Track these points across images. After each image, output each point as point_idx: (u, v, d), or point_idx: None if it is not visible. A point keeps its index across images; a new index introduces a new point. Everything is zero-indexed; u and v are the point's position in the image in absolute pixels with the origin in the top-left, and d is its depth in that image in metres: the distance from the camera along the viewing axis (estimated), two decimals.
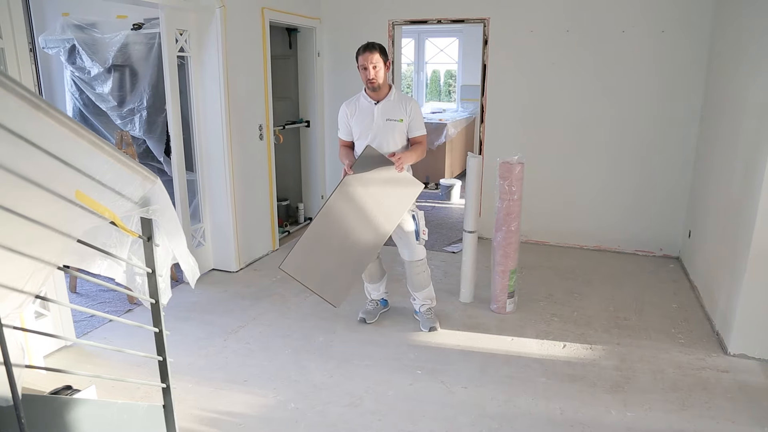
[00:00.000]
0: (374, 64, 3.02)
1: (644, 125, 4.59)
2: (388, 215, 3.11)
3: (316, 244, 3.12)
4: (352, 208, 3.10)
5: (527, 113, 4.88)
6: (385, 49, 3.10)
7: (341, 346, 3.21)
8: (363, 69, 3.04)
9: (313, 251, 3.12)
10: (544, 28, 4.68)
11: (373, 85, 3.07)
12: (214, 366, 3.00)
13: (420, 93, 9.36)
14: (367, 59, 3.01)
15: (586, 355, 3.11)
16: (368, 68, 3.02)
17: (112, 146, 1.61)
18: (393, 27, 5.09)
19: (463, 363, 3.03)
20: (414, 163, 3.19)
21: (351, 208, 3.10)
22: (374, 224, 3.10)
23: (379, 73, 3.05)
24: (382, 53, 3.05)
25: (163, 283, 2.25)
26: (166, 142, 4.10)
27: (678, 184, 4.58)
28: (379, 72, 3.04)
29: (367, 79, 3.06)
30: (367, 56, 3.01)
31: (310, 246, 3.12)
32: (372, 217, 3.10)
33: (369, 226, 3.10)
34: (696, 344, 3.24)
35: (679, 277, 4.28)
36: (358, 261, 3.15)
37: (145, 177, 1.93)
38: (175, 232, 2.12)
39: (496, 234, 3.54)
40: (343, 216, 3.10)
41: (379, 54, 3.03)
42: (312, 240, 3.12)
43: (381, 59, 3.04)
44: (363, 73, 3.06)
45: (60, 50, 4.42)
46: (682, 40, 4.34)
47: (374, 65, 3.02)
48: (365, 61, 3.01)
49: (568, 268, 4.46)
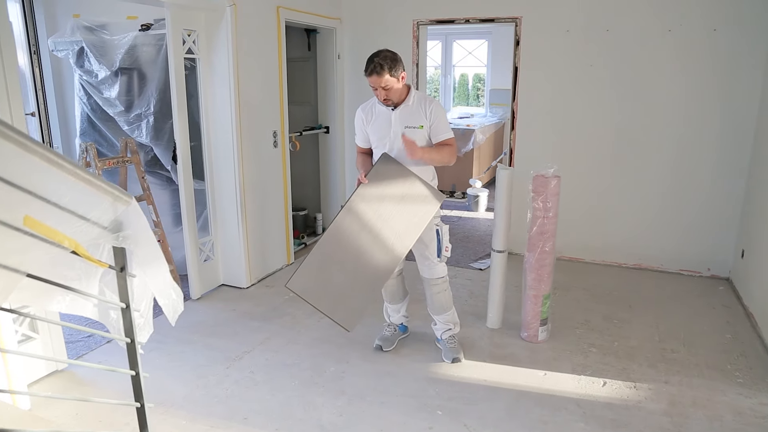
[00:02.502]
0: (383, 85, 2.69)
1: (691, 132, 4.17)
2: (404, 232, 2.79)
3: (327, 261, 2.81)
4: (365, 222, 2.79)
5: (561, 119, 4.51)
6: (395, 61, 2.70)
7: (354, 378, 2.90)
8: (374, 89, 2.73)
9: (323, 269, 2.81)
10: (581, 28, 4.31)
11: (388, 105, 2.77)
12: (213, 399, 2.73)
13: (447, 97, 9.02)
14: (373, 82, 2.69)
15: (629, 396, 2.74)
16: (378, 89, 2.71)
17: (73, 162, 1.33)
18: (418, 27, 4.77)
19: (489, 402, 2.69)
20: (437, 163, 2.85)
21: (364, 223, 2.79)
22: (389, 242, 2.79)
23: (391, 92, 2.72)
24: (391, 70, 2.66)
25: (141, 318, 1.97)
26: (174, 149, 3.86)
27: (729, 197, 4.15)
28: (392, 91, 2.71)
29: (381, 99, 2.76)
30: (373, 79, 2.67)
31: (320, 263, 2.81)
32: (386, 234, 2.78)
33: (383, 243, 2.79)
34: (758, 385, 2.83)
35: (732, 302, 3.86)
36: (373, 281, 2.84)
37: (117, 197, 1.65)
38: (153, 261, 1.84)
39: (529, 255, 3.19)
40: (355, 231, 2.79)
41: (387, 74, 2.65)
42: (322, 256, 2.81)
43: (391, 78, 2.67)
44: (374, 92, 2.76)
45: (69, 53, 4.23)
46: (736, 38, 3.92)
47: (384, 86, 2.69)
48: (372, 83, 2.70)
49: (606, 290, 4.07)
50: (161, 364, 3.06)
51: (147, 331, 2.06)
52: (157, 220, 3.81)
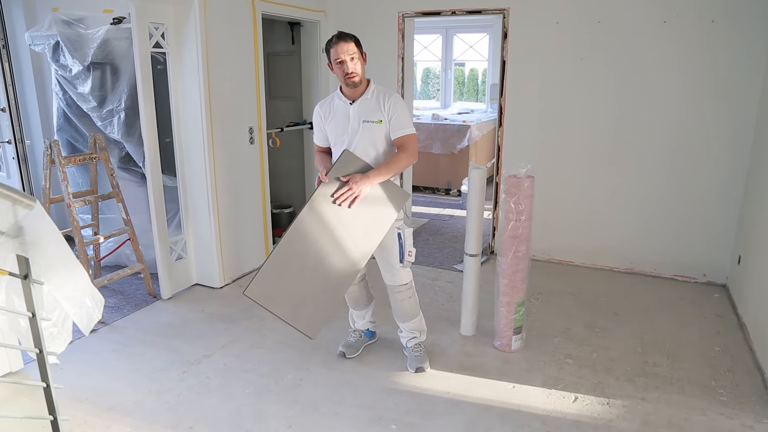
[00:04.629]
0: (351, 55, 2.56)
1: (687, 131, 3.95)
2: (369, 232, 2.65)
3: (286, 266, 2.67)
4: (325, 225, 2.64)
5: (552, 116, 4.31)
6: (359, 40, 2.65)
7: (311, 387, 2.78)
8: (338, 63, 2.57)
9: (282, 274, 2.67)
10: (572, 19, 4.10)
11: (353, 80, 2.59)
12: (163, 406, 2.62)
13: (447, 92, 8.81)
14: (341, 50, 2.55)
15: (600, 413, 2.57)
16: (345, 61, 2.56)
17: None
18: (403, 19, 4.61)
19: (448, 416, 2.54)
20: (400, 171, 2.69)
21: (324, 226, 2.64)
22: (350, 246, 2.65)
23: (357, 66, 2.59)
24: (358, 44, 2.60)
25: (55, 328, 1.85)
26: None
27: (727, 200, 3.92)
28: (357, 65, 2.59)
29: (345, 74, 2.59)
30: (341, 47, 2.55)
31: (279, 268, 2.66)
32: (347, 238, 2.64)
33: (344, 248, 2.65)
34: (742, 404, 2.64)
35: (725, 311, 3.64)
36: (334, 288, 2.69)
37: (17, 201, 1.53)
38: (62, 267, 1.72)
39: (501, 260, 3.03)
40: (315, 234, 2.65)
41: (354, 44, 2.58)
42: (281, 261, 2.67)
43: (357, 50, 2.59)
44: (339, 68, 2.59)
45: (45, 47, 4.16)
46: (735, 31, 3.69)
47: (351, 56, 2.56)
48: (340, 52, 2.55)
49: (593, 296, 3.88)
50: (118, 366, 2.97)
51: (64, 341, 1.94)
52: (127, 218, 3.72)
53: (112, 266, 4.26)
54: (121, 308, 3.63)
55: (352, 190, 2.55)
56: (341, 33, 2.60)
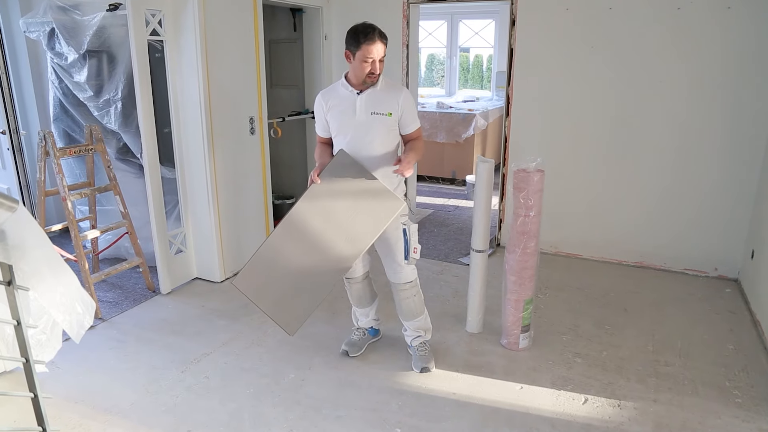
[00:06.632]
0: (381, 57, 2.46)
1: (700, 121, 3.82)
2: (358, 236, 2.56)
3: (275, 259, 2.62)
4: (314, 224, 2.58)
5: (561, 106, 4.19)
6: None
7: (313, 387, 2.70)
8: (363, 62, 2.44)
9: (270, 267, 2.63)
10: (582, 5, 3.96)
11: (373, 80, 2.50)
12: (161, 408, 2.55)
13: (452, 80, 8.65)
14: (375, 51, 2.41)
15: (612, 416, 2.49)
16: (374, 61, 2.44)
17: None
18: (408, 6, 4.47)
19: (455, 419, 2.47)
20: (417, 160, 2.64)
21: (314, 225, 2.58)
22: (338, 247, 2.57)
23: (382, 67, 2.49)
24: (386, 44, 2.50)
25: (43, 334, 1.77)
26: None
27: (739, 193, 3.81)
28: (382, 66, 2.49)
29: (368, 73, 2.47)
30: (376, 47, 2.41)
31: (268, 260, 2.63)
32: (336, 238, 2.57)
33: (332, 248, 2.57)
34: (758, 406, 2.55)
35: (738, 307, 3.55)
36: (318, 287, 2.63)
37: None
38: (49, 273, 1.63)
39: (509, 256, 2.93)
40: (304, 232, 2.58)
41: (385, 45, 2.47)
42: (270, 254, 2.63)
43: (385, 51, 2.48)
44: (363, 65, 2.45)
45: (40, 34, 4.04)
46: (752, 17, 3.55)
47: (381, 58, 2.46)
48: (373, 52, 2.41)
49: (602, 290, 3.79)
50: (115, 366, 2.90)
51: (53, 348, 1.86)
52: (125, 210, 3.63)
53: (112, 259, 4.19)
54: (120, 303, 3.55)
55: (405, 165, 2.43)
56: (377, 30, 2.44)
